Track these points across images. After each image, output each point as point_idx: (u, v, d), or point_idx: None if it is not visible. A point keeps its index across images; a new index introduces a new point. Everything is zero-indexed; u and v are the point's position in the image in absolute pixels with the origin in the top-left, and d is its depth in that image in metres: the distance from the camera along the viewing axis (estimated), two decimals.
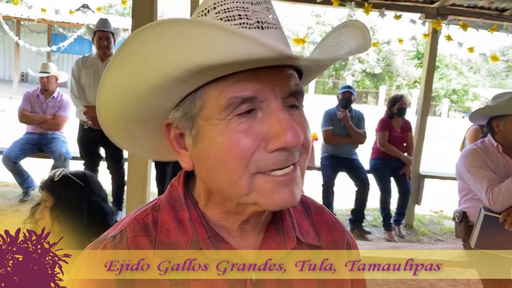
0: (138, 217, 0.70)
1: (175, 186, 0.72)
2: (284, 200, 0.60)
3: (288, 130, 0.57)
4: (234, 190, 0.61)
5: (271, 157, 0.58)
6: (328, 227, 0.79)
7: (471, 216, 2.79)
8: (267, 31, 0.59)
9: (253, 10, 0.59)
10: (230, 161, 0.58)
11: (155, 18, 2.57)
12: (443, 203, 6.25)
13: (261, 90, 0.57)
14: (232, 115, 0.58)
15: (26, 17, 13.55)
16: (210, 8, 0.60)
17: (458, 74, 31.05)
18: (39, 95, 4.81)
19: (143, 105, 0.64)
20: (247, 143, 0.58)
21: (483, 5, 5.05)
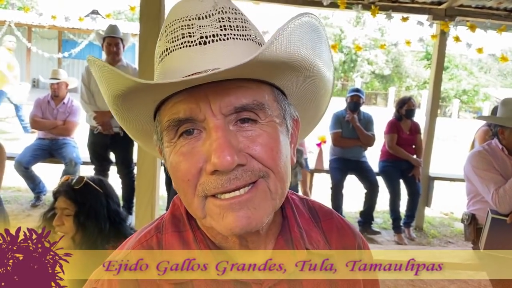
0: (142, 239, 0.69)
1: (178, 205, 0.71)
2: (232, 225, 0.57)
3: (217, 151, 0.54)
4: (193, 213, 0.62)
5: (212, 179, 0.57)
6: (338, 233, 0.78)
7: (480, 218, 2.77)
8: (210, 46, 0.58)
9: (198, 26, 0.59)
10: (180, 183, 0.60)
11: (162, 21, 2.60)
12: (454, 205, 6.20)
13: (195, 110, 0.57)
14: (176, 137, 0.59)
15: (37, 24, 13.73)
16: (163, 32, 0.63)
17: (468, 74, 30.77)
18: (50, 101, 4.87)
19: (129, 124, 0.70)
20: (187, 166, 0.58)
21: (491, 5, 5.02)
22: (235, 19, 0.61)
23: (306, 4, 4.93)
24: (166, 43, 0.61)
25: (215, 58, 0.58)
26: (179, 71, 0.58)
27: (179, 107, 0.57)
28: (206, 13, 0.60)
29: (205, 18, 0.60)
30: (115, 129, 4.37)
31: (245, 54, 0.57)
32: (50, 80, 4.90)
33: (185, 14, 0.60)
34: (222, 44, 0.59)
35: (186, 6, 0.61)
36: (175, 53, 0.60)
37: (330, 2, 4.39)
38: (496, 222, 2.52)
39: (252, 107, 0.58)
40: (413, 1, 5.02)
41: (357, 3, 4.80)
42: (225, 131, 0.56)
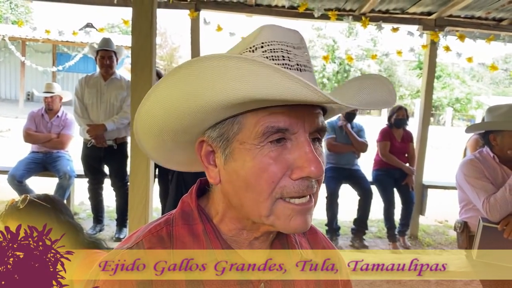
0: (152, 230, 0.74)
1: (187, 202, 0.77)
2: (298, 227, 0.67)
3: (313, 162, 0.64)
4: (257, 210, 0.67)
5: (295, 184, 0.65)
6: (322, 247, 0.88)
7: (472, 226, 2.79)
8: (304, 73, 0.67)
9: (294, 54, 0.67)
10: (259, 183, 0.65)
11: (154, 34, 2.63)
12: (448, 213, 6.23)
13: (293, 124, 0.65)
14: (265, 142, 0.65)
15: (31, 37, 13.77)
16: (258, 46, 0.67)
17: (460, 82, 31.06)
18: (44, 115, 4.86)
19: (183, 122, 0.69)
20: (275, 169, 0.64)
21: (480, 15, 5.11)
22: (308, 54, 0.71)
23: (298, 16, 4.99)
24: (265, 58, 0.66)
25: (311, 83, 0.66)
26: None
27: (279, 117, 0.64)
28: (298, 45, 0.68)
29: (298, 49, 0.68)
30: (108, 142, 4.37)
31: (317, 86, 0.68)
32: (43, 94, 4.90)
33: (283, 39, 0.67)
34: (309, 74, 0.68)
35: (283, 33, 0.68)
36: None
37: (321, 14, 4.45)
38: (488, 230, 2.53)
39: (320, 131, 0.69)
40: (403, 11, 5.10)
41: (347, 14, 4.87)
42: (311, 146, 0.66)
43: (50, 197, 1.74)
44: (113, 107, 4.42)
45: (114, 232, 4.61)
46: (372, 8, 4.93)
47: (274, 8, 5.10)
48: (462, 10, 4.91)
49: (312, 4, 4.73)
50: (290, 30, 0.69)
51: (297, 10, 4.76)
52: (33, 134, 4.76)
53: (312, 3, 4.78)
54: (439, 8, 4.92)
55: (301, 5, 4.56)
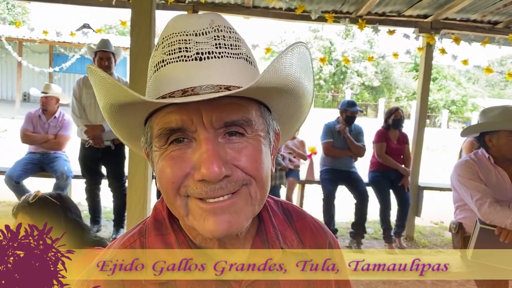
0: (126, 243, 0.72)
1: (159, 210, 0.74)
2: (213, 229, 0.61)
3: (206, 162, 0.58)
4: (176, 211, 0.66)
5: (198, 186, 0.61)
6: (311, 232, 0.82)
7: (467, 227, 2.81)
8: (205, 62, 0.62)
9: (195, 42, 0.63)
10: (164, 184, 0.63)
11: (153, 35, 2.64)
12: (444, 214, 6.26)
13: (187, 122, 0.61)
14: (167, 144, 0.63)
15: (28, 38, 13.74)
16: (160, 43, 0.67)
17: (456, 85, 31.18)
18: (41, 115, 4.86)
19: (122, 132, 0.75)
20: (175, 170, 0.62)
21: (475, 18, 5.15)
22: (229, 37, 0.65)
23: (296, 18, 5.02)
24: (162, 54, 0.64)
25: (209, 74, 0.62)
26: (174, 83, 0.62)
27: (171, 117, 0.61)
28: (203, 30, 0.64)
29: (201, 35, 0.63)
30: (106, 142, 4.38)
31: (237, 73, 0.63)
32: (39, 93, 4.90)
33: (183, 29, 0.64)
34: (216, 61, 0.62)
35: (184, 21, 0.65)
36: (172, 65, 0.63)
37: (318, 16, 4.48)
38: (484, 232, 2.56)
39: (241, 123, 0.62)
40: (399, 14, 5.14)
41: (344, 17, 4.91)
42: (214, 144, 0.60)
43: (61, 195, 1.79)
44: None
45: (111, 233, 4.61)
46: (369, 11, 4.97)
47: (271, 10, 5.12)
48: (457, 13, 4.95)
49: (309, 6, 4.76)
50: (196, 16, 0.67)
51: (294, 12, 4.78)
52: (30, 134, 4.76)
53: (309, 5, 4.81)
54: (435, 11, 4.96)
55: (298, 7, 4.59)
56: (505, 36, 5.01)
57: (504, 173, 2.67)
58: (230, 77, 0.62)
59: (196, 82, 0.61)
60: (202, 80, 0.61)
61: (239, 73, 0.63)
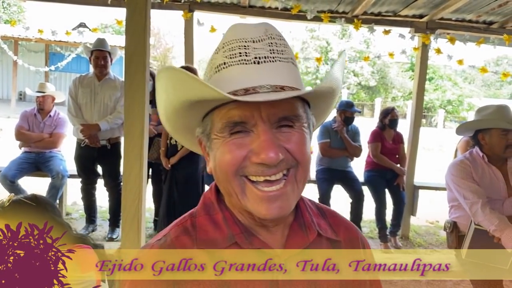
0: (178, 223, 0.83)
1: (208, 196, 0.85)
2: (268, 213, 0.73)
3: (266, 149, 0.70)
4: (232, 189, 0.75)
5: (254, 166, 0.72)
6: (344, 228, 0.92)
7: (461, 226, 2.83)
8: (263, 65, 0.73)
9: (253, 48, 0.74)
10: (225, 166, 0.74)
11: (148, 35, 2.64)
12: (439, 214, 6.28)
13: (248, 117, 0.71)
14: (228, 134, 0.73)
15: (24, 37, 13.68)
16: (220, 47, 0.77)
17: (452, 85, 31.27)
18: (36, 114, 4.85)
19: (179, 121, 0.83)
20: (236, 153, 0.72)
21: (471, 18, 5.17)
22: (280, 44, 0.76)
23: (291, 18, 5.02)
24: (224, 57, 0.75)
25: (267, 75, 0.73)
26: (237, 83, 0.73)
27: (234, 112, 0.72)
28: (259, 37, 0.75)
29: (258, 42, 0.75)
30: (102, 142, 4.37)
31: (288, 74, 0.75)
32: (35, 93, 4.89)
33: (242, 36, 0.75)
34: (271, 64, 0.74)
35: (242, 30, 0.76)
36: (233, 67, 0.74)
37: (313, 16, 4.48)
38: (479, 232, 2.57)
39: (291, 118, 0.74)
40: (395, 14, 5.15)
41: (340, 16, 4.91)
42: (271, 134, 0.71)
43: (36, 196, 1.75)
44: (107, 107, 4.42)
45: (106, 232, 4.60)
46: (365, 11, 4.98)
47: (267, 9, 5.13)
48: (453, 13, 4.97)
49: (305, 6, 4.76)
50: (252, 25, 0.77)
51: (290, 12, 4.79)
52: (25, 133, 4.75)
53: (305, 5, 4.82)
54: (430, 11, 4.97)
55: (294, 7, 4.59)
56: (499, 36, 5.03)
57: (498, 171, 2.69)
58: (283, 78, 0.74)
59: (255, 82, 0.72)
60: (261, 80, 0.72)
61: (289, 75, 0.75)
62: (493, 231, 2.46)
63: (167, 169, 4.13)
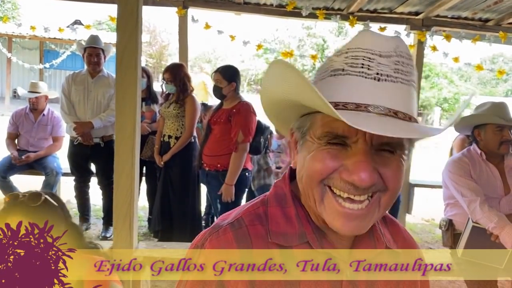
0: (250, 209, 0.80)
1: (280, 186, 0.82)
2: (342, 229, 0.70)
3: (361, 170, 0.66)
4: (311, 194, 0.73)
5: (342, 182, 0.69)
6: (403, 238, 0.89)
7: (457, 224, 2.82)
8: (382, 83, 0.68)
9: (377, 62, 0.69)
10: (312, 171, 0.71)
11: (140, 31, 2.60)
12: (435, 212, 6.27)
13: (352, 133, 0.67)
14: (325, 142, 0.70)
15: (18, 34, 13.59)
16: (343, 51, 0.72)
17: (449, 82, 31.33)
18: (29, 114, 4.81)
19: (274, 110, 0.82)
20: (329, 164, 0.69)
21: (467, 16, 5.15)
22: (407, 64, 0.71)
23: (287, 15, 4.99)
24: (344, 64, 0.70)
25: (384, 96, 0.68)
26: (350, 94, 0.68)
27: (339, 124, 0.67)
28: (387, 53, 0.69)
29: (385, 57, 0.69)
30: (95, 139, 4.33)
31: (406, 99, 0.70)
32: (28, 93, 4.82)
33: (370, 47, 0.70)
34: (391, 85, 0.68)
35: (373, 40, 0.71)
36: (351, 77, 0.69)
37: (309, 13, 4.45)
38: (476, 230, 2.56)
39: (394, 146, 0.70)
40: (391, 11, 5.12)
41: (335, 13, 4.88)
42: (369, 157, 0.67)
43: (57, 196, 1.63)
44: (100, 104, 4.38)
45: (100, 231, 4.57)
46: (360, 8, 4.95)
47: (262, 6, 5.09)
48: (449, 10, 4.95)
49: (300, 2, 4.73)
50: (384, 37, 0.71)
51: (285, 9, 4.75)
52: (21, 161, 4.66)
53: (300, 1, 4.78)
54: (426, 8, 4.95)
55: (289, 4, 4.56)
56: (495, 34, 5.01)
57: (495, 169, 2.68)
58: (399, 102, 0.68)
59: (370, 100, 0.67)
60: (376, 99, 0.67)
61: (407, 100, 0.70)
62: (492, 229, 2.44)
63: (160, 167, 4.10)
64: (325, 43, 30.73)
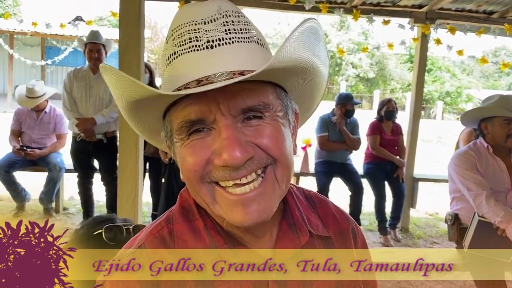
0: (153, 231, 0.72)
1: (185, 197, 0.74)
2: (244, 219, 0.62)
3: (228, 148, 0.59)
4: (202, 200, 0.66)
5: (220, 170, 0.62)
6: (334, 219, 0.82)
7: (463, 218, 2.80)
8: (217, 49, 0.62)
9: (204, 30, 0.63)
10: (187, 172, 0.64)
11: (142, 27, 2.58)
12: (439, 206, 6.27)
13: (205, 112, 0.61)
14: (186, 135, 0.63)
15: (19, 31, 13.57)
16: (169, 35, 0.66)
17: (451, 76, 31.21)
18: (31, 111, 4.81)
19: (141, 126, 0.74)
20: (196, 158, 0.62)
21: (471, 8, 5.11)
22: (238, 22, 0.65)
23: (289, 9, 4.95)
24: (173, 46, 0.64)
25: (222, 61, 0.61)
26: (188, 74, 0.62)
27: (190, 109, 0.61)
28: (211, 17, 0.63)
29: (210, 23, 0.63)
30: (98, 135, 4.33)
31: (250, 57, 0.63)
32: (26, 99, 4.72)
33: (191, 18, 0.64)
34: (228, 47, 0.62)
35: (191, 11, 0.65)
36: (184, 57, 0.63)
37: (312, 6, 4.42)
38: (482, 224, 2.54)
39: (258, 108, 0.62)
40: (394, 4, 5.08)
41: (339, 7, 4.84)
42: (233, 130, 0.60)
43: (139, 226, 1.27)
44: (102, 100, 4.37)
45: None
46: (363, 1, 4.91)
47: (264, 0, 5.05)
48: (453, 3, 4.91)
49: None
50: (201, 4, 0.65)
51: (288, 3, 4.72)
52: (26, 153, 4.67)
53: None
54: (430, 1, 4.90)
55: None
56: (500, 26, 4.96)
57: (502, 163, 2.66)
58: (243, 62, 0.62)
59: (209, 70, 0.61)
60: (215, 68, 0.61)
61: (251, 57, 0.63)
62: (498, 223, 2.42)
63: (165, 162, 4.09)
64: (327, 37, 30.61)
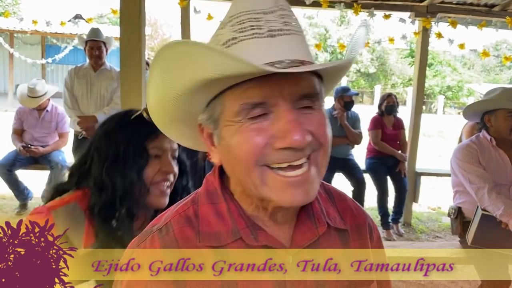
0: (180, 210, 0.76)
1: (211, 181, 0.78)
2: (295, 199, 0.66)
3: (293, 131, 0.62)
4: (250, 181, 0.67)
5: (278, 153, 0.65)
6: (351, 213, 0.86)
7: (466, 212, 2.80)
8: (278, 38, 0.65)
9: (265, 20, 0.66)
10: (244, 155, 0.66)
11: (143, 24, 2.57)
12: (441, 200, 6.27)
13: (269, 96, 0.64)
14: (245, 118, 0.65)
15: (19, 29, 13.56)
16: (226, 21, 0.68)
17: (452, 70, 31.12)
18: (32, 110, 4.80)
19: (177, 110, 0.74)
20: (257, 140, 0.64)
21: (472, 1, 5.08)
22: (291, 16, 0.69)
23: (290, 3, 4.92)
24: (233, 32, 0.66)
25: (284, 49, 0.65)
26: (253, 58, 0.62)
27: (253, 92, 0.64)
28: (270, 9, 0.67)
29: (270, 14, 0.66)
30: None
31: (304, 48, 0.68)
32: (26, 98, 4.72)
33: (252, 7, 0.66)
34: (287, 38, 0.66)
35: (249, 1, 0.68)
36: (245, 42, 0.65)
37: (312, 1, 4.40)
38: (486, 218, 2.54)
39: (312, 95, 0.67)
40: None
41: (339, 1, 4.82)
42: (295, 114, 0.64)
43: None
44: (104, 98, 4.36)
45: None
46: None
47: None
48: None
49: None
50: None
51: None
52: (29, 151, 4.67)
53: None
54: None
55: None
56: (502, 19, 4.94)
57: (505, 155, 2.66)
58: (300, 52, 0.66)
59: (273, 57, 0.64)
60: (279, 55, 0.64)
61: (305, 48, 0.68)
62: (500, 216, 2.42)
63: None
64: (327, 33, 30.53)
